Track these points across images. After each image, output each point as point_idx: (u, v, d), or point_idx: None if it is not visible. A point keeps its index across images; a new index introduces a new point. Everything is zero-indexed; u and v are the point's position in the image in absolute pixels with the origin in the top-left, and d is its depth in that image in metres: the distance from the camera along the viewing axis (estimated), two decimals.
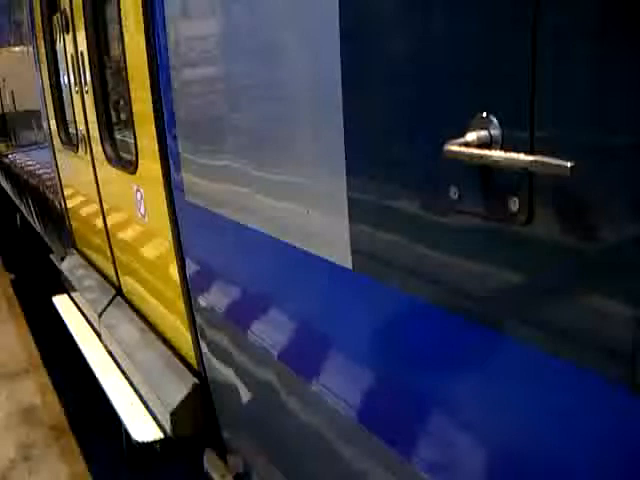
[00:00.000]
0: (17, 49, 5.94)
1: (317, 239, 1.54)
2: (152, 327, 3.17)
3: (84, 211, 4.29)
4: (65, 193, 4.73)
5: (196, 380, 2.57)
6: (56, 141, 4.57)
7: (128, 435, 3.31)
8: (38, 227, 6.43)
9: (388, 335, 1.38)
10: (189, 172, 2.27)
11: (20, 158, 6.99)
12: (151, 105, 2.41)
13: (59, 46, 4.04)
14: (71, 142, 4.16)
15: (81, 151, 3.85)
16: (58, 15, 3.84)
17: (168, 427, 2.53)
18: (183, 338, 2.68)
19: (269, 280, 1.88)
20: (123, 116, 3.21)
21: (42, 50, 4.47)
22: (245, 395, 2.17)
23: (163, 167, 2.43)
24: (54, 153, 4.72)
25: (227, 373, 2.27)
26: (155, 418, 2.74)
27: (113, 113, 3.34)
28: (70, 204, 4.67)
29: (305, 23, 1.47)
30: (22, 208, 7.52)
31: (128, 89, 2.73)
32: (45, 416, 5.15)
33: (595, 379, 0.90)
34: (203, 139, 2.13)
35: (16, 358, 6.24)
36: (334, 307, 1.55)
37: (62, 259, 4.99)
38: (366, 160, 1.33)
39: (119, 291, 3.72)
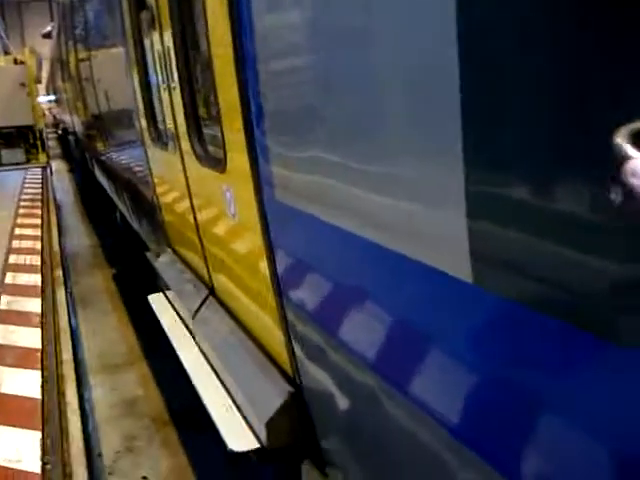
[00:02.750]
0: (112, 50, 6.09)
1: (427, 244, 1.38)
2: (245, 328, 3.11)
3: (176, 209, 4.31)
4: (157, 191, 4.78)
5: (291, 388, 2.45)
6: (147, 139, 4.62)
7: None
8: (135, 224, 6.60)
9: (510, 357, 1.20)
10: (280, 169, 2.15)
11: (116, 156, 7.21)
12: (239, 101, 2.31)
13: (146, 43, 4.06)
14: (161, 140, 4.18)
15: (171, 149, 3.86)
16: (145, 12, 3.85)
17: (263, 437, 2.44)
18: (277, 341, 2.59)
19: (370, 288, 1.72)
20: (211, 113, 3.15)
21: (131, 48, 4.53)
22: (344, 403, 2.04)
23: (252, 166, 2.33)
24: (146, 151, 4.78)
25: (324, 379, 2.15)
26: (250, 426, 2.66)
27: (201, 110, 3.29)
28: (163, 203, 4.72)
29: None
30: (120, 205, 7.78)
31: (214, 85, 2.64)
32: (147, 408, 5.28)
33: None
34: (298, 134, 2.00)
35: (118, 350, 6.45)
36: (448, 320, 1.38)
37: (157, 257, 5.06)
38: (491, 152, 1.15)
39: (212, 291, 3.70)
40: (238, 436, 2.63)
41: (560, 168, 1.00)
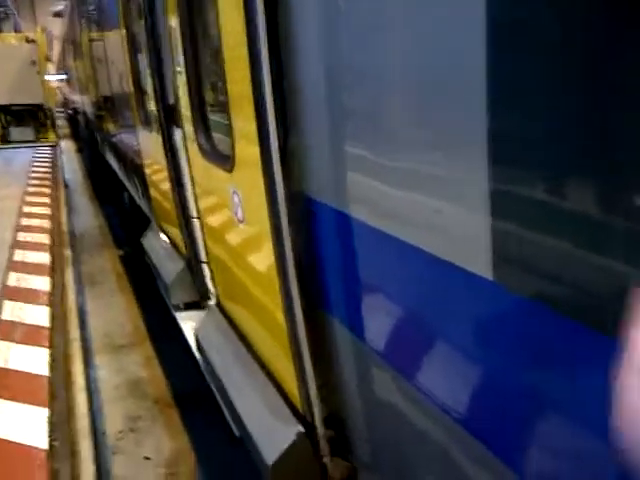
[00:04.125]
0: (123, 31, 6.10)
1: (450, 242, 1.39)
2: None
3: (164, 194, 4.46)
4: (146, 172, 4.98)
5: (301, 428, 2.26)
6: (137, 122, 4.82)
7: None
8: (144, 206, 6.64)
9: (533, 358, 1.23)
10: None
11: (126, 138, 7.23)
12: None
13: (147, 26, 4.09)
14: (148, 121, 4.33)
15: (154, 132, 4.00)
16: None
17: None
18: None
19: (389, 285, 1.70)
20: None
21: (132, 32, 4.64)
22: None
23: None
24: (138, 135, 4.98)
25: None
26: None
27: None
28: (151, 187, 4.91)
29: None
30: (129, 187, 7.81)
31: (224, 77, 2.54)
32: (150, 389, 5.33)
33: None
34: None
35: (124, 331, 6.51)
36: (469, 320, 1.41)
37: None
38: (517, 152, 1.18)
39: (187, 261, 3.80)
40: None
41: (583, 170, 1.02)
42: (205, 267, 3.81)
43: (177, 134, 4.29)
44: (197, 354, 3.63)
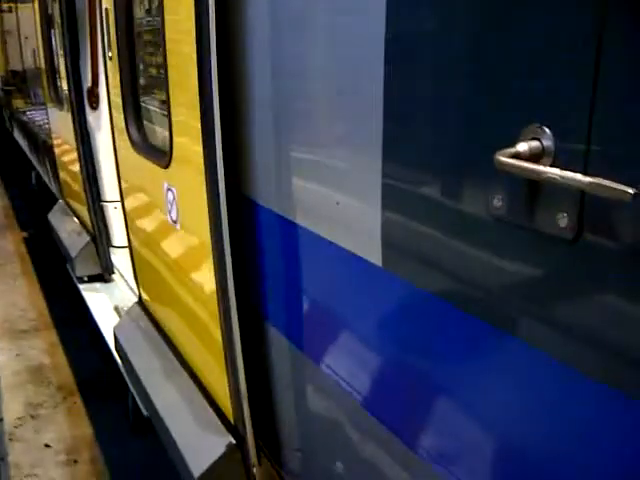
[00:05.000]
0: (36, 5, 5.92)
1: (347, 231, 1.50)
2: None
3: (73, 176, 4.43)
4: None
5: (232, 439, 2.15)
6: (48, 100, 4.80)
7: (134, 400, 3.32)
8: (54, 187, 6.43)
9: (406, 334, 1.36)
10: None
11: (37, 116, 6.96)
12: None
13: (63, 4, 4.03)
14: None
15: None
16: None
17: None
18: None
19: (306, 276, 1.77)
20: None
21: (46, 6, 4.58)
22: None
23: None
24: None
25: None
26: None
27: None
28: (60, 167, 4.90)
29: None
30: (38, 166, 7.53)
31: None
32: (53, 376, 5.20)
33: None
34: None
35: (27, 316, 6.28)
36: (358, 301, 1.52)
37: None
38: (404, 159, 1.30)
39: (93, 239, 3.90)
40: None
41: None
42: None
43: (91, 116, 4.26)
44: (115, 352, 3.47)
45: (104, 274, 4.42)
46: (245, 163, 1.97)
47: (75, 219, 5.02)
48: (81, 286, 4.58)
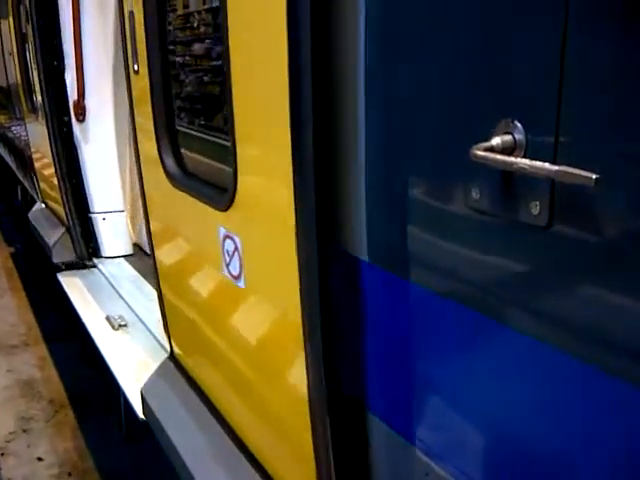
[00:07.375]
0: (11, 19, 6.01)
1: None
2: None
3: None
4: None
5: None
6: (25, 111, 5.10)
7: (126, 410, 3.33)
8: (38, 198, 6.45)
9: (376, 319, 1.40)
10: None
11: (23, 131, 6.97)
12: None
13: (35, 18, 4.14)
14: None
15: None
16: None
17: None
18: None
19: None
20: None
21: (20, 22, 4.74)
22: None
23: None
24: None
25: None
26: None
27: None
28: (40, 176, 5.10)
29: None
30: (25, 182, 7.52)
31: None
32: (44, 390, 5.19)
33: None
34: None
35: (16, 331, 6.27)
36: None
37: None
38: (387, 153, 1.35)
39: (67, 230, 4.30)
40: None
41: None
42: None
43: (78, 128, 4.31)
44: (141, 415, 2.75)
45: (79, 262, 4.68)
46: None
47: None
48: (59, 275, 4.76)
